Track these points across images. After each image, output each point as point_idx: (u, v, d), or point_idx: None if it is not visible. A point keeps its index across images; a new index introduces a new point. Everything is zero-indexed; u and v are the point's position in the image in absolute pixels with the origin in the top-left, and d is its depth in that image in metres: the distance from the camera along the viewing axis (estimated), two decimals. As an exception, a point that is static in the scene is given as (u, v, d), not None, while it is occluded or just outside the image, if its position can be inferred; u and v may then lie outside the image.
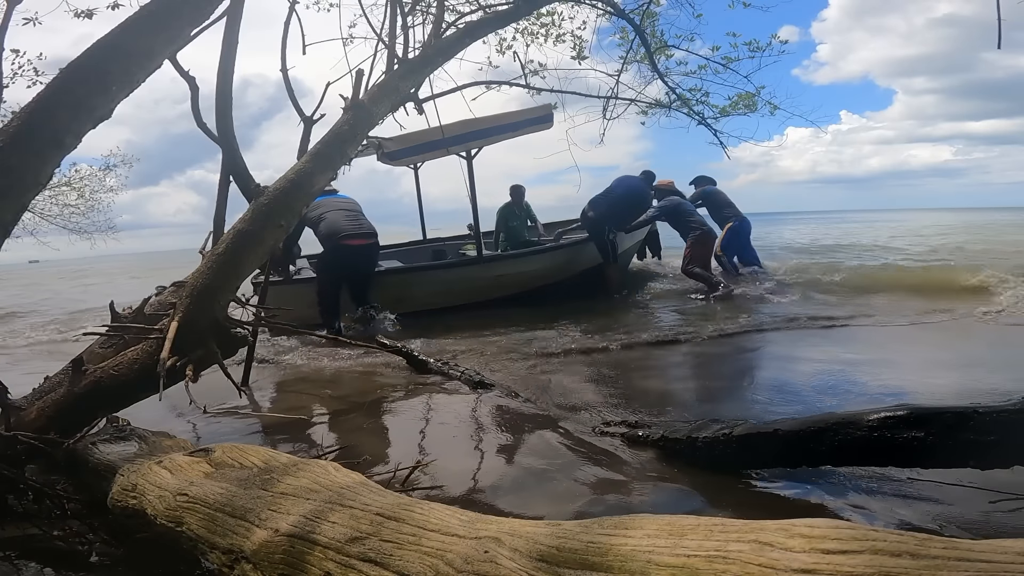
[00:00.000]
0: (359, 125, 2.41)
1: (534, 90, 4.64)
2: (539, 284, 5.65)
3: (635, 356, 3.53)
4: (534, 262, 5.75)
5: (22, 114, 1.61)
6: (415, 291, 5.19)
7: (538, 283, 5.66)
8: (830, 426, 1.63)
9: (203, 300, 1.92)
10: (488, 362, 3.49)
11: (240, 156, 2.21)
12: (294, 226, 3.84)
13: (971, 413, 1.42)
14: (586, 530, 0.80)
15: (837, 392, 2.60)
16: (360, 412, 2.72)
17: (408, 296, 5.12)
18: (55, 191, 9.72)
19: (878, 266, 7.17)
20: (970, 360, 3.11)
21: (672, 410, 2.51)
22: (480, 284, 5.38)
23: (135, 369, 1.88)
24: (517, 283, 5.52)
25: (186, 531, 1.17)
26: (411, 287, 5.23)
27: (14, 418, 1.86)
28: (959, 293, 4.93)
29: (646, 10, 4.99)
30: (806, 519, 0.71)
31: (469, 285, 5.34)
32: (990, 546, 0.62)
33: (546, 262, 5.79)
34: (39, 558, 1.45)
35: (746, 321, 4.29)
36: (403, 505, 1.00)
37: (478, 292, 5.33)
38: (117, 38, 1.68)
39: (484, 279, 5.41)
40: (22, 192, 1.65)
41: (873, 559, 0.61)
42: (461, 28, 3.15)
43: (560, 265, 5.86)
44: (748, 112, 5.33)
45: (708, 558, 0.68)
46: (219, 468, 1.38)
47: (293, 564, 0.97)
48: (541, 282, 5.71)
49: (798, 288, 5.56)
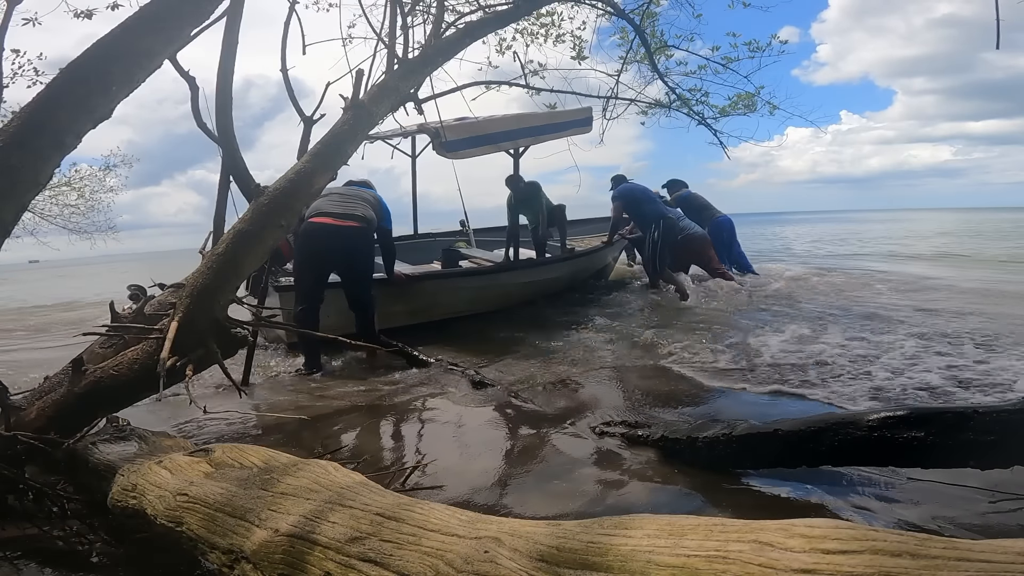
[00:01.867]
0: (359, 125, 2.41)
1: (534, 90, 4.64)
2: (558, 288, 5.60)
3: (633, 353, 3.54)
4: (560, 268, 5.63)
5: (22, 114, 1.61)
6: (445, 298, 4.65)
7: (558, 288, 5.61)
8: (830, 426, 1.63)
9: (203, 300, 1.91)
10: (490, 362, 3.49)
11: (240, 156, 2.21)
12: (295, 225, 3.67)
13: (971, 413, 1.42)
14: (586, 530, 0.80)
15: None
16: (360, 412, 2.72)
17: (437, 304, 4.57)
18: (55, 191, 9.70)
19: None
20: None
21: (673, 410, 2.51)
22: (510, 290, 5.09)
23: (135, 369, 1.88)
24: (541, 289, 5.36)
25: (186, 531, 1.17)
26: (441, 294, 4.65)
27: (14, 418, 1.85)
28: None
29: (646, 10, 4.99)
30: (806, 519, 0.71)
31: (500, 291, 5.01)
32: (990, 546, 0.62)
33: (569, 268, 5.74)
34: (39, 558, 1.45)
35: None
36: (403, 505, 1.00)
37: (506, 298, 5.04)
38: (117, 38, 1.68)
39: (514, 285, 5.12)
40: (22, 192, 1.65)
41: (873, 559, 0.61)
42: (461, 28, 3.15)
43: (580, 270, 5.89)
44: (748, 112, 5.33)
45: (708, 558, 0.68)
46: (219, 468, 1.38)
47: (293, 564, 0.97)
48: (560, 286, 5.67)
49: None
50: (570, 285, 5.94)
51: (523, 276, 5.21)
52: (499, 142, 4.78)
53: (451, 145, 4.43)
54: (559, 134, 5.18)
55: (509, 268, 5.11)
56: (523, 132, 4.94)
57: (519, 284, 5.18)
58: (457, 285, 4.78)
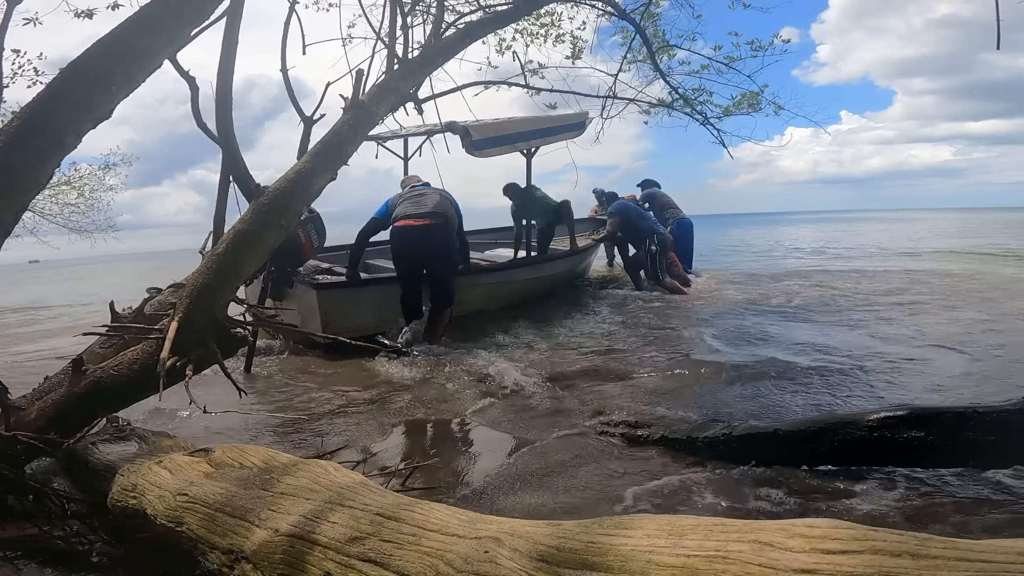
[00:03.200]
0: (359, 125, 2.41)
1: (533, 90, 4.64)
2: (561, 283, 5.98)
3: (633, 352, 3.53)
4: (567, 263, 5.98)
5: (23, 114, 1.61)
6: (475, 293, 4.75)
7: (560, 283, 5.97)
8: (830, 426, 1.64)
9: (203, 300, 1.91)
10: (490, 361, 3.49)
11: (240, 156, 2.21)
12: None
13: (971, 413, 1.42)
14: (586, 530, 0.80)
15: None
16: (361, 411, 2.72)
17: (465, 299, 4.58)
18: (55, 190, 9.67)
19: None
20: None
21: (673, 409, 2.51)
22: (530, 285, 5.40)
23: (135, 369, 1.88)
24: (550, 284, 5.68)
25: (186, 531, 1.17)
26: (471, 290, 4.71)
27: (14, 418, 1.85)
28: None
29: (646, 10, 4.99)
30: (806, 519, 0.71)
31: (523, 287, 5.30)
32: (990, 546, 0.62)
33: (570, 264, 6.07)
34: (39, 558, 1.45)
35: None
36: (403, 505, 1.00)
37: (524, 293, 5.30)
38: (117, 38, 1.68)
39: (533, 280, 5.44)
40: (23, 192, 1.65)
41: (873, 559, 0.61)
42: (461, 28, 3.15)
43: (578, 265, 6.33)
44: (752, 112, 5.33)
45: (708, 558, 0.68)
46: (219, 468, 1.38)
47: (293, 564, 0.97)
48: (563, 281, 6.06)
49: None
50: (569, 280, 6.30)
51: (531, 272, 5.46)
52: (516, 142, 4.98)
53: (478, 144, 4.58)
54: (560, 136, 5.40)
55: (522, 264, 5.40)
56: (536, 133, 5.16)
57: (527, 280, 5.38)
58: (477, 281, 4.90)
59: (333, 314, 3.88)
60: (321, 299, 3.89)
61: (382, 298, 4.08)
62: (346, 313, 3.97)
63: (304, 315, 3.95)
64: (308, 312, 3.94)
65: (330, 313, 3.88)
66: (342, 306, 3.99)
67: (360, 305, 4.08)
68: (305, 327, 3.69)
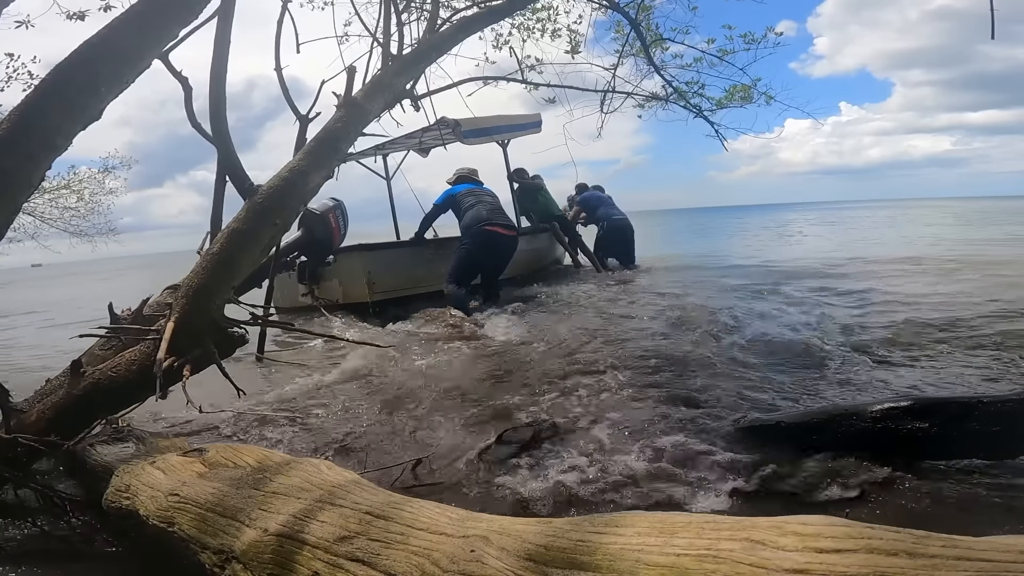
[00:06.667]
0: (353, 122, 2.39)
1: (531, 85, 4.60)
2: (547, 261, 7.12)
3: (631, 350, 3.50)
4: (548, 240, 6.95)
5: (12, 116, 1.61)
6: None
7: (547, 260, 7.13)
8: (834, 417, 1.61)
9: (199, 300, 1.90)
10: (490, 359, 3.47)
11: (236, 156, 2.19)
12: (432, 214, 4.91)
13: (976, 403, 1.40)
14: (576, 528, 0.79)
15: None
16: (360, 409, 2.71)
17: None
18: (55, 194, 9.64)
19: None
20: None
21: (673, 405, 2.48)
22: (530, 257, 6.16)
23: (133, 370, 1.87)
24: (539, 256, 6.67)
25: (177, 531, 1.16)
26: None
27: (15, 421, 1.86)
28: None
29: (640, 3, 4.93)
30: (800, 516, 0.69)
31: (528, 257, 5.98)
32: (991, 544, 0.59)
33: (550, 241, 7.04)
34: (40, 558, 1.46)
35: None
36: (393, 503, 0.99)
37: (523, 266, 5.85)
38: (104, 38, 1.66)
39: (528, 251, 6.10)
40: (15, 194, 1.65)
41: (868, 558, 0.59)
42: (455, 23, 3.12)
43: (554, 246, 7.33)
44: (744, 104, 5.26)
45: (698, 557, 0.66)
46: (213, 468, 1.38)
47: (282, 564, 0.96)
48: (549, 258, 7.23)
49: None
50: (552, 259, 7.43)
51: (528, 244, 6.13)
52: (493, 135, 6.17)
53: (467, 134, 5.42)
54: (523, 132, 6.61)
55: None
56: (506, 128, 6.38)
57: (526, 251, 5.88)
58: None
59: (377, 273, 4.26)
60: (365, 261, 4.20)
61: (423, 259, 4.70)
62: (389, 273, 4.37)
63: (347, 283, 4.31)
64: (351, 277, 4.30)
65: (374, 273, 4.25)
66: (385, 266, 4.32)
67: (401, 266, 4.53)
68: (348, 294, 4.05)
